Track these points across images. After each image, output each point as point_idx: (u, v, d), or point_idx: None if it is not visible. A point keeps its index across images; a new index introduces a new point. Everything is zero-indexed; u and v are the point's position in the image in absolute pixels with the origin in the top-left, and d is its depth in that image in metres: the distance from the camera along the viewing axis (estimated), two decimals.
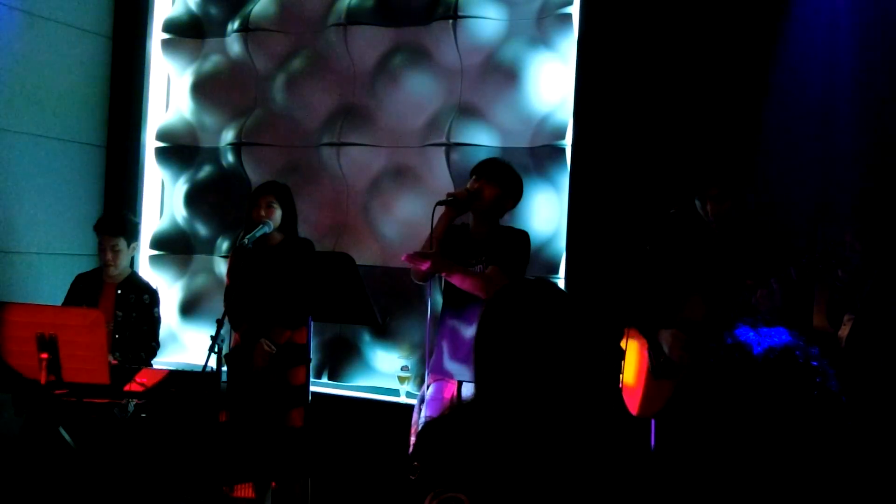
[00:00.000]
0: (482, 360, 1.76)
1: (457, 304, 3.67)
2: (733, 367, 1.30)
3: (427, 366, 3.70)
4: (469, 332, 3.59)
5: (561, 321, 1.74)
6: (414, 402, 4.40)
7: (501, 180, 3.69)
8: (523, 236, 3.74)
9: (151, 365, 4.58)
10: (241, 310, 4.27)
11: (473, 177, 3.72)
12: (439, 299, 3.99)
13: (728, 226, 3.36)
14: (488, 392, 1.73)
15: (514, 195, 3.75)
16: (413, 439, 3.69)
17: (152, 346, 4.56)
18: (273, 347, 4.13)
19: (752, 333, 1.34)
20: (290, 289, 3.71)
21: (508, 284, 1.85)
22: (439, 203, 3.66)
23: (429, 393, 3.70)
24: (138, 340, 4.52)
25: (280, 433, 4.13)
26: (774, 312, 3.08)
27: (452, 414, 1.77)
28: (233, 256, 4.25)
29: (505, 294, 1.83)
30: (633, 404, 3.43)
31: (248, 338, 4.23)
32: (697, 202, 3.43)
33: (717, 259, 3.32)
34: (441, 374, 3.69)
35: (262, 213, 4.20)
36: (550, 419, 1.68)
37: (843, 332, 3.07)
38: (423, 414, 3.66)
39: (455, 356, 3.65)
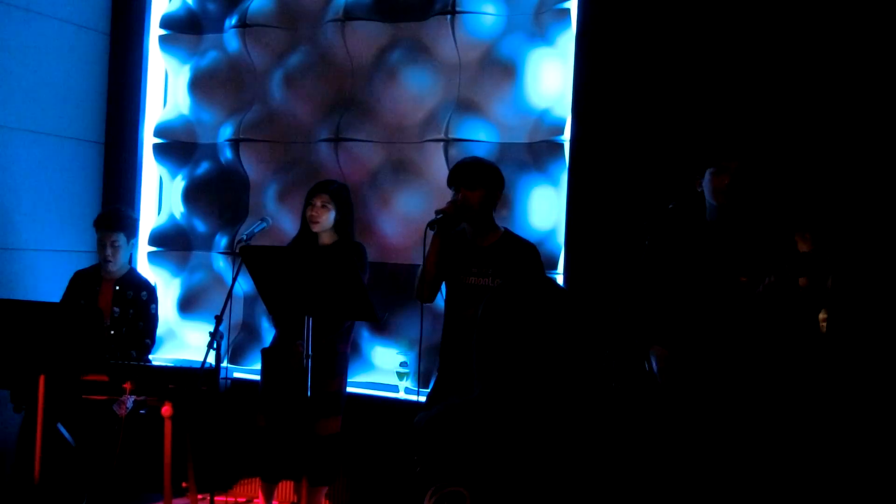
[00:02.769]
0: (482, 356, 1.76)
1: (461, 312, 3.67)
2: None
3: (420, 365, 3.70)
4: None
5: (560, 318, 1.74)
6: (413, 398, 4.41)
7: (480, 181, 3.68)
8: (533, 252, 3.72)
9: (150, 362, 4.59)
10: (281, 308, 4.23)
11: (452, 188, 3.71)
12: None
13: (731, 211, 3.31)
14: (488, 388, 1.73)
15: (498, 187, 3.75)
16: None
17: (146, 343, 4.55)
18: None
19: None
20: (287, 289, 3.68)
21: (508, 282, 1.85)
22: (430, 225, 3.65)
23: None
24: (133, 337, 4.51)
25: (307, 438, 4.09)
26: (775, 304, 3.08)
27: (454, 410, 1.77)
28: (252, 253, 4.00)
29: (505, 291, 1.83)
30: None
31: (285, 338, 4.21)
32: (709, 173, 3.29)
33: (713, 255, 3.31)
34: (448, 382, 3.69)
35: (314, 212, 4.19)
36: (550, 415, 1.68)
37: (822, 329, 3.11)
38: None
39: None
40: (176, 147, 5.44)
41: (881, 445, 3.10)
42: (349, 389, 4.81)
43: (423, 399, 3.90)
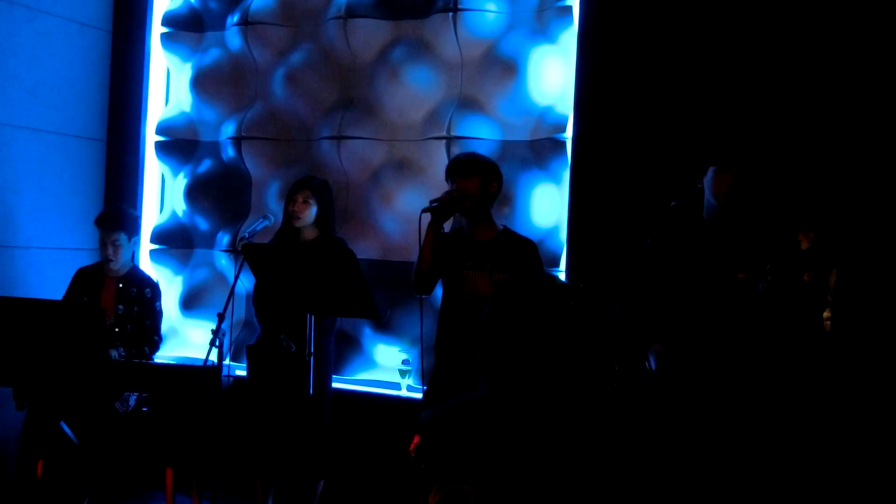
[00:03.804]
0: (488, 354, 1.76)
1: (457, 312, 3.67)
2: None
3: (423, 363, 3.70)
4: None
5: (566, 316, 1.74)
6: (416, 395, 4.41)
7: (475, 170, 3.70)
8: (532, 248, 3.73)
9: (153, 360, 4.59)
10: (265, 306, 4.25)
11: (449, 181, 3.73)
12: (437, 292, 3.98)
13: (729, 211, 3.30)
14: (495, 387, 1.73)
15: (494, 177, 3.75)
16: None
17: (154, 340, 4.57)
18: (290, 345, 4.12)
19: None
20: (288, 286, 3.70)
21: (514, 279, 1.85)
22: (425, 210, 3.66)
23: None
24: (141, 335, 4.52)
25: (291, 433, 4.11)
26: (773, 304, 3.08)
27: (459, 408, 1.77)
28: (254, 251, 3.96)
29: (511, 289, 1.82)
30: None
31: (269, 334, 4.22)
32: (712, 171, 3.27)
33: (713, 252, 3.31)
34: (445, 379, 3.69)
35: (296, 208, 4.20)
36: (555, 413, 1.68)
37: (826, 327, 3.11)
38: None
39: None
40: (178, 145, 5.44)
41: (884, 445, 3.10)
42: (351, 387, 4.82)
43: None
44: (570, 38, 4.41)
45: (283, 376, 4.12)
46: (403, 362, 4.70)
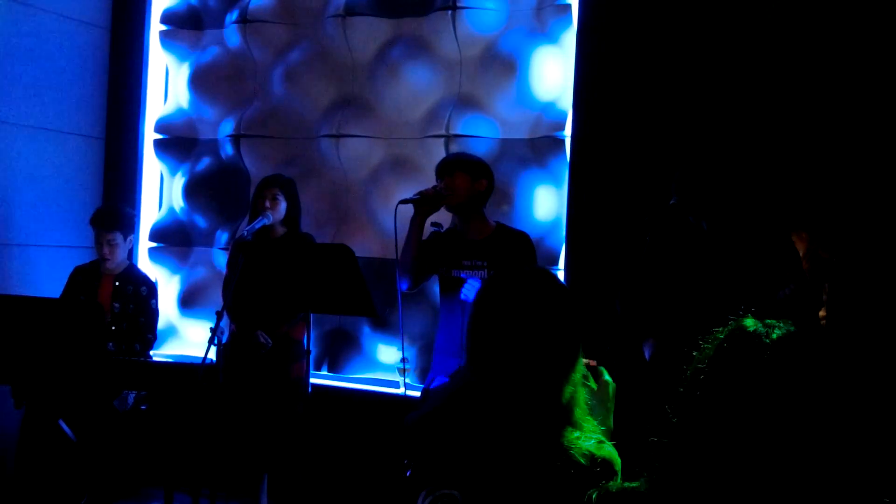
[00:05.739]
0: (475, 342, 1.74)
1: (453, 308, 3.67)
2: (742, 358, 1.29)
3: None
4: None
5: (557, 311, 1.73)
6: (413, 394, 4.40)
7: (459, 167, 3.68)
8: (526, 240, 3.71)
9: (149, 357, 4.59)
10: (239, 302, 4.26)
11: (438, 179, 3.71)
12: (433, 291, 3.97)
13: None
14: (480, 373, 1.71)
15: (483, 175, 3.71)
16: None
17: (148, 338, 4.56)
18: (268, 341, 4.13)
19: (759, 325, 1.34)
20: (285, 283, 3.71)
21: (504, 272, 1.84)
22: (403, 202, 3.63)
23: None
24: (134, 332, 4.51)
25: (274, 426, 4.12)
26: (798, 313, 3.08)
27: (444, 409, 1.76)
28: (233, 248, 4.28)
29: (501, 282, 1.81)
30: None
31: (244, 330, 4.23)
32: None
33: (712, 251, 3.30)
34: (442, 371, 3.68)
35: (267, 204, 4.21)
36: (544, 409, 1.67)
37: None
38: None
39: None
40: (177, 143, 5.44)
41: (884, 445, 3.09)
42: (350, 385, 4.81)
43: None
44: (569, 36, 4.40)
45: (260, 372, 4.13)
46: (402, 360, 4.68)
